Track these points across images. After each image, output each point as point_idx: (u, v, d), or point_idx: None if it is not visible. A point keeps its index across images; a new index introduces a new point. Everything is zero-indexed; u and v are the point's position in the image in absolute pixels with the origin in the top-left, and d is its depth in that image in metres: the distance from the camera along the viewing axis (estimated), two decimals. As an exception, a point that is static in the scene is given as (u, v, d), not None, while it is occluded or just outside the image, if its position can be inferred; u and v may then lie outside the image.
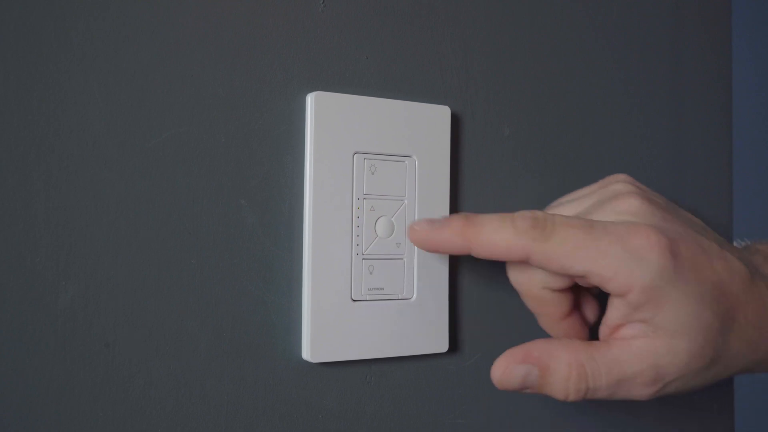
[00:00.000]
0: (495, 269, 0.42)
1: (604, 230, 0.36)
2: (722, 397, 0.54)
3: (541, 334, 0.47)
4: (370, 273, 0.40)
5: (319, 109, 0.38)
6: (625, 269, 0.35)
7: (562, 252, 0.35)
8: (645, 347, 0.36)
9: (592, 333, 0.41)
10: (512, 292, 0.45)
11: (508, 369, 0.36)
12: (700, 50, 0.54)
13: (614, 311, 0.37)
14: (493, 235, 0.36)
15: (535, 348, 0.37)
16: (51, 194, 0.33)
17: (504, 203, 0.45)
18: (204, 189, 0.37)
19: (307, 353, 0.38)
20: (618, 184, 0.40)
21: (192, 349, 0.36)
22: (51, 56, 0.33)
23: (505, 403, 0.45)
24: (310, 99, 0.38)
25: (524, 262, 0.37)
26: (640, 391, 0.37)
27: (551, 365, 0.36)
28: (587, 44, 0.49)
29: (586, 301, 0.42)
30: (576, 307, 0.41)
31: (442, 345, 0.42)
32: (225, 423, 0.37)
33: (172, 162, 0.36)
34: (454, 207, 0.43)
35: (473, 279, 0.44)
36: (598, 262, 0.35)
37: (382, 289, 0.40)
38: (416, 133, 0.41)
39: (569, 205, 0.41)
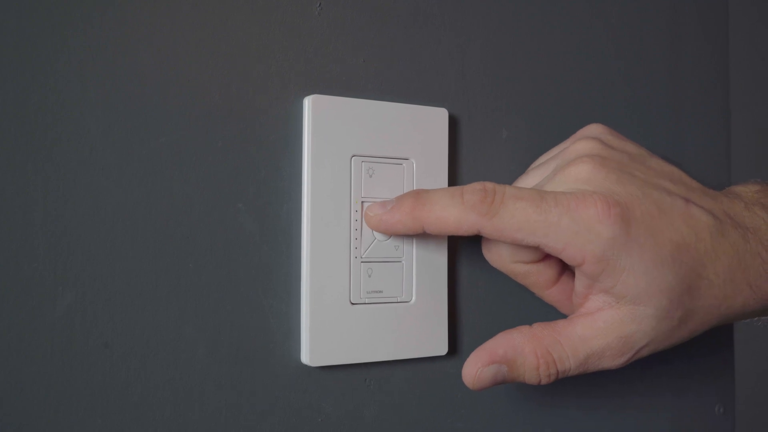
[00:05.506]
0: (494, 271, 0.42)
1: (554, 201, 0.35)
2: (724, 396, 0.54)
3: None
4: (369, 276, 0.40)
5: (316, 112, 0.38)
6: (574, 241, 0.35)
7: (511, 225, 0.35)
8: (609, 319, 0.36)
9: None
10: (512, 293, 0.45)
11: (477, 372, 0.36)
12: (698, 54, 0.54)
13: (578, 281, 0.37)
14: (443, 212, 0.36)
15: (499, 346, 0.37)
16: (49, 201, 0.33)
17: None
18: (201, 194, 0.37)
19: (306, 357, 0.38)
20: (580, 142, 0.39)
21: (190, 354, 0.36)
22: (49, 63, 0.33)
23: (504, 406, 0.45)
24: (307, 102, 0.38)
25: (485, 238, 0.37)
26: (611, 362, 0.37)
27: (517, 360, 0.36)
28: (585, 46, 0.49)
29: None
30: (563, 272, 0.41)
31: (441, 348, 0.42)
32: (224, 428, 0.37)
33: (169, 167, 0.36)
34: (452, 209, 0.43)
35: (472, 281, 0.44)
36: (548, 235, 0.35)
37: (380, 292, 0.40)
38: (413, 136, 0.41)
39: (533, 172, 0.41)
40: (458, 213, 0.36)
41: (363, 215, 0.39)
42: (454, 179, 0.43)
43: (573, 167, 0.38)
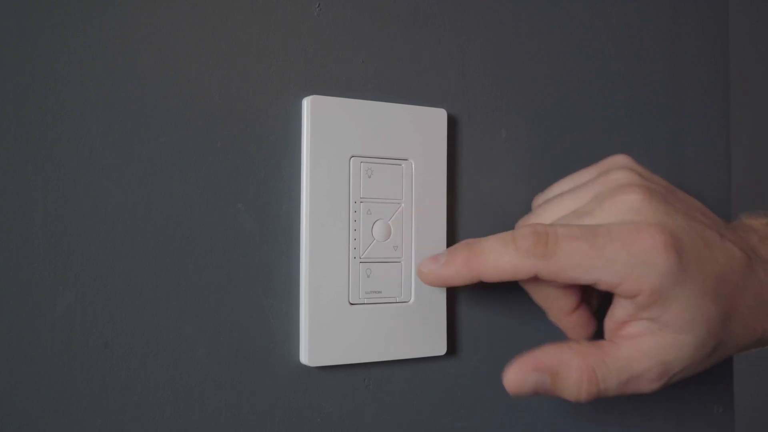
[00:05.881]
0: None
1: (609, 237, 0.36)
2: (722, 396, 0.54)
3: (539, 333, 0.47)
4: (368, 276, 0.40)
5: (315, 112, 0.38)
6: (632, 274, 0.35)
7: (569, 266, 0.36)
8: (652, 345, 0.37)
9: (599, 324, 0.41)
10: (511, 294, 0.45)
11: (520, 378, 0.37)
12: (698, 54, 0.54)
13: (621, 309, 0.37)
14: (498, 260, 0.36)
15: (545, 356, 0.37)
16: (49, 201, 0.33)
17: (501, 206, 0.45)
18: (201, 194, 0.37)
19: (306, 357, 0.38)
20: (618, 172, 0.40)
21: (190, 354, 0.36)
22: (49, 63, 0.33)
23: (503, 405, 0.45)
24: (306, 103, 0.38)
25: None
26: (648, 386, 0.37)
27: (561, 372, 0.37)
28: (585, 46, 0.49)
29: (591, 291, 0.42)
30: (583, 300, 0.41)
31: (440, 348, 0.42)
32: (224, 428, 0.37)
33: (169, 167, 0.36)
34: (451, 210, 0.43)
35: (471, 281, 0.44)
36: (605, 271, 0.35)
37: (379, 292, 0.40)
38: (412, 136, 0.41)
39: (568, 200, 0.41)
40: (514, 260, 0.36)
41: (363, 211, 0.39)
42: (453, 180, 0.43)
43: (622, 196, 0.38)
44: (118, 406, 0.35)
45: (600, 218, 0.38)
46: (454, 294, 0.43)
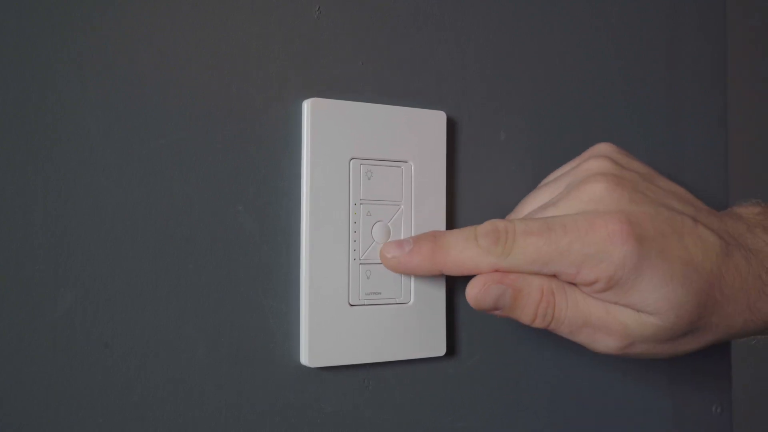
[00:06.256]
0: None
1: (563, 230, 0.36)
2: (721, 397, 0.54)
3: (538, 334, 0.47)
4: (368, 278, 0.40)
5: (315, 115, 0.38)
6: (587, 265, 0.36)
7: (526, 261, 0.37)
8: (617, 309, 0.37)
9: None
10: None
11: (485, 287, 0.37)
12: (697, 54, 0.54)
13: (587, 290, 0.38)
14: (459, 255, 0.37)
15: (512, 274, 0.38)
16: (49, 201, 0.34)
17: (500, 208, 0.45)
18: (201, 195, 0.37)
19: (306, 358, 0.38)
20: (591, 161, 0.40)
21: (190, 354, 0.36)
22: (49, 64, 0.34)
23: (503, 406, 0.45)
24: (307, 105, 0.38)
25: None
26: (603, 342, 0.38)
27: (524, 289, 0.37)
28: (583, 49, 0.49)
29: None
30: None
31: (439, 348, 0.42)
32: (224, 428, 0.37)
33: (169, 169, 0.36)
34: (450, 212, 0.43)
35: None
36: (561, 263, 0.36)
37: (379, 293, 0.40)
38: (412, 139, 0.41)
39: (543, 192, 0.42)
40: (475, 256, 0.37)
41: (363, 214, 0.39)
42: (452, 181, 0.43)
43: (586, 186, 0.38)
44: (119, 405, 0.35)
45: (562, 209, 0.38)
46: (453, 295, 0.44)
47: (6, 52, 0.33)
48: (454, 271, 0.38)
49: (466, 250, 0.37)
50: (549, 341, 0.47)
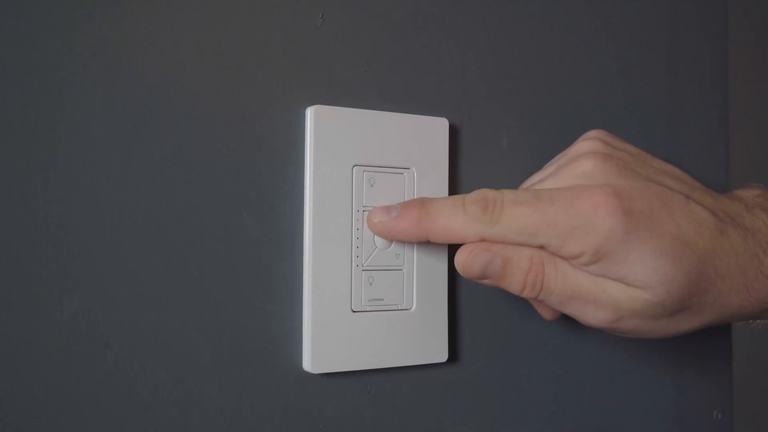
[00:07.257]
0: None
1: (551, 201, 0.36)
2: (722, 402, 0.54)
3: (541, 340, 0.47)
4: (370, 284, 0.40)
5: (318, 122, 0.39)
6: (573, 237, 0.35)
7: (512, 231, 0.36)
8: (606, 282, 0.37)
9: None
10: (511, 301, 0.45)
11: (473, 254, 0.37)
12: (698, 54, 0.54)
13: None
14: (447, 222, 0.37)
15: (502, 244, 0.37)
16: (51, 203, 0.34)
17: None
18: (205, 200, 0.37)
19: (308, 364, 0.38)
20: (582, 142, 0.40)
21: (194, 358, 0.37)
22: (52, 66, 0.34)
23: (505, 412, 0.45)
24: (310, 112, 0.39)
25: None
26: (593, 316, 0.37)
27: (513, 258, 0.37)
28: (584, 52, 0.49)
29: None
30: None
31: (441, 355, 0.42)
32: (227, 434, 0.37)
33: (173, 173, 0.36)
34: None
35: (472, 289, 0.44)
36: (548, 234, 0.36)
37: (381, 299, 0.40)
38: (415, 146, 0.41)
39: (536, 175, 0.42)
40: (462, 223, 0.37)
41: (365, 220, 0.39)
42: (454, 188, 0.43)
43: (576, 163, 0.38)
44: (122, 408, 0.35)
45: (552, 185, 0.38)
46: (455, 301, 0.44)
47: (7, 52, 0.33)
48: (441, 238, 0.37)
49: (453, 216, 0.37)
50: (550, 348, 0.47)
